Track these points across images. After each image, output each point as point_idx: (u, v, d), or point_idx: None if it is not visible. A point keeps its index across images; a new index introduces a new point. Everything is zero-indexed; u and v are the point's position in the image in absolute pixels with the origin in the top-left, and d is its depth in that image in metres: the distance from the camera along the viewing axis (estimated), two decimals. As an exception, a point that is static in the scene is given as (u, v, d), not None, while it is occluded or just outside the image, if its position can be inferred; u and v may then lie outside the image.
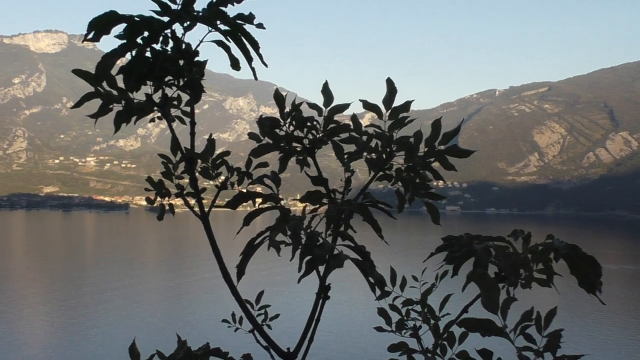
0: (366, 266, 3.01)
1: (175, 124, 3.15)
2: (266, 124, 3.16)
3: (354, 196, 3.13)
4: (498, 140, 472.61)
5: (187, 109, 3.11)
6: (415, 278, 4.12)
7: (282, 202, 3.14)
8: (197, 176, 3.23)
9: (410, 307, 3.97)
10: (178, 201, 3.52)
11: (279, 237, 2.93)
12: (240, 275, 3.05)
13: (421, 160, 3.04)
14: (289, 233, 2.93)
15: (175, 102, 3.05)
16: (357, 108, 3.38)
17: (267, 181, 3.24)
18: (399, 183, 3.10)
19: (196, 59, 2.89)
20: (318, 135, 3.17)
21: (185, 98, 3.05)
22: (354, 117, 3.23)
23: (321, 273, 3.01)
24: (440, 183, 3.19)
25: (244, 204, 3.33)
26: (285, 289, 71.23)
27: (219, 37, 2.82)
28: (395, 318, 3.98)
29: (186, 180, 3.28)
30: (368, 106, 3.17)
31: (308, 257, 2.89)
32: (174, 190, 3.46)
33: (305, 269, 2.91)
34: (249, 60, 2.84)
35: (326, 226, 3.04)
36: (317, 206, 3.10)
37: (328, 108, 3.15)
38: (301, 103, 3.20)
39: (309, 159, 3.22)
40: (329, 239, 3.02)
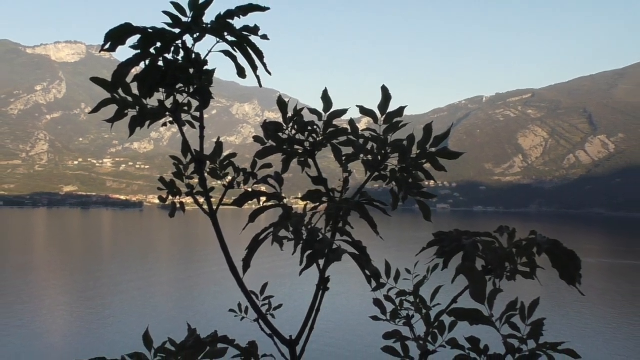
0: (363, 260, 3.01)
1: (185, 128, 3.15)
2: (270, 128, 3.16)
3: (352, 195, 3.13)
4: (485, 143, 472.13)
5: (197, 114, 3.10)
6: (408, 271, 4.11)
7: (285, 201, 3.13)
8: (206, 176, 3.23)
9: (403, 298, 3.97)
10: (188, 200, 3.51)
11: (282, 233, 2.93)
12: (246, 268, 3.05)
13: (414, 161, 3.04)
14: (291, 229, 2.93)
15: (185, 108, 3.04)
16: (355, 113, 3.38)
17: (271, 181, 3.24)
18: (393, 183, 3.10)
19: (205, 68, 2.88)
20: (318, 138, 3.17)
21: (195, 104, 3.04)
22: (352, 122, 3.23)
23: (321, 266, 3.01)
24: (431, 183, 3.18)
25: (250, 202, 3.32)
26: (287, 281, 71.18)
27: (227, 48, 2.82)
28: (389, 308, 3.97)
29: (196, 180, 3.28)
30: (364, 111, 3.16)
31: (309, 252, 2.89)
32: (185, 189, 3.45)
33: (306, 263, 2.91)
34: (254, 69, 2.83)
35: (326, 223, 3.04)
36: (317, 204, 3.10)
37: (327, 113, 3.15)
38: (302, 109, 3.20)
39: (310, 161, 3.21)
40: (328, 235, 3.01)
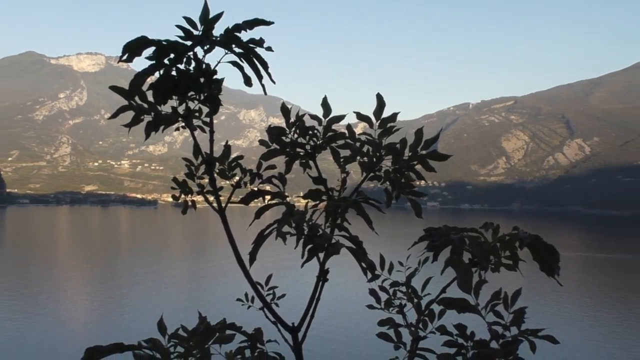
0: (359, 253, 3.00)
1: (196, 132, 3.15)
2: (274, 133, 3.16)
3: (349, 194, 3.13)
4: (471, 146, 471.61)
5: (207, 120, 3.10)
6: (401, 263, 4.11)
7: (288, 199, 3.13)
8: (215, 177, 3.23)
9: (396, 288, 3.96)
10: (199, 198, 3.51)
11: (285, 229, 2.92)
12: (252, 260, 3.05)
13: (406, 163, 3.04)
14: (294, 225, 2.93)
15: (196, 114, 3.04)
16: (352, 118, 3.37)
17: (275, 181, 3.23)
18: (387, 182, 3.10)
19: (214, 77, 2.88)
20: (318, 142, 3.17)
21: (205, 110, 3.04)
22: (349, 127, 3.23)
23: (321, 259, 3.01)
24: (422, 182, 3.18)
25: (256, 200, 3.32)
26: (290, 273, 71.11)
27: (234, 59, 2.82)
28: (384, 297, 3.97)
29: (206, 180, 3.28)
30: (361, 117, 3.16)
31: (310, 246, 2.89)
32: (196, 188, 3.45)
33: (307, 256, 2.92)
34: (260, 78, 2.83)
35: (325, 219, 3.04)
36: (318, 202, 3.10)
37: (327, 119, 3.14)
38: (304, 114, 3.20)
39: (311, 162, 3.21)
40: (328, 230, 3.02)
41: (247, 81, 2.87)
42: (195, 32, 2.69)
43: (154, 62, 2.69)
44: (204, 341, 3.13)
